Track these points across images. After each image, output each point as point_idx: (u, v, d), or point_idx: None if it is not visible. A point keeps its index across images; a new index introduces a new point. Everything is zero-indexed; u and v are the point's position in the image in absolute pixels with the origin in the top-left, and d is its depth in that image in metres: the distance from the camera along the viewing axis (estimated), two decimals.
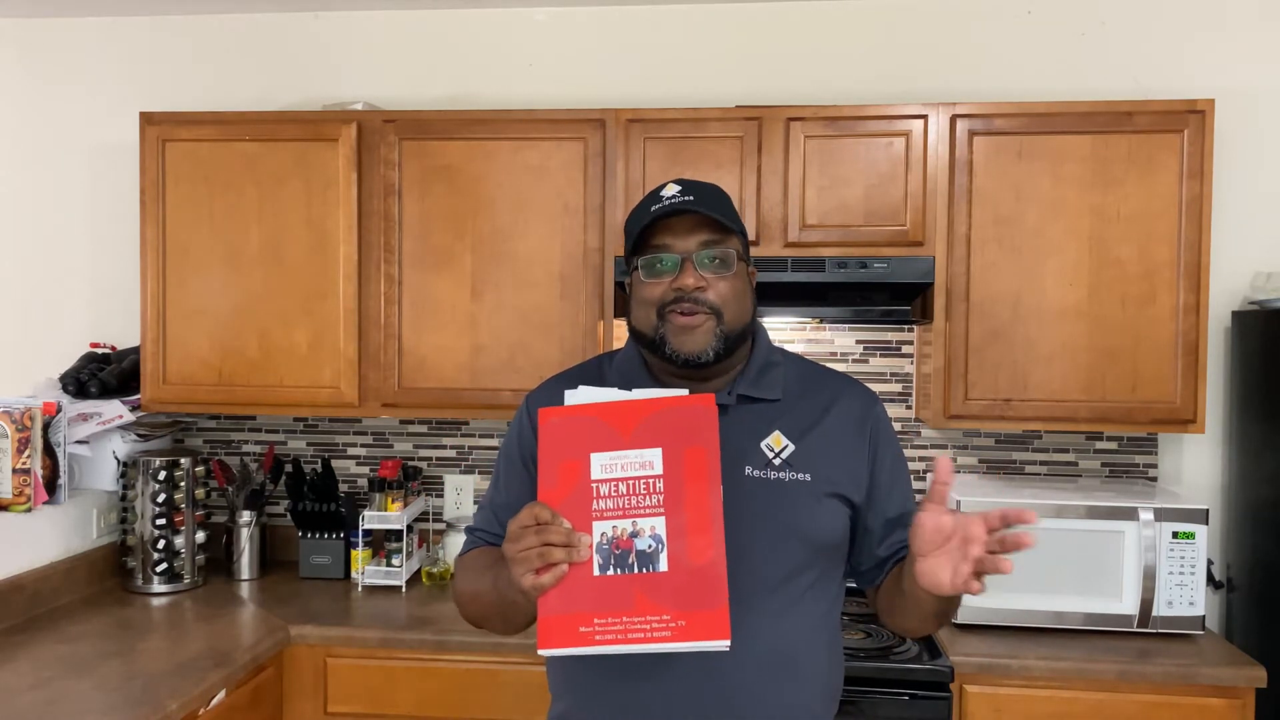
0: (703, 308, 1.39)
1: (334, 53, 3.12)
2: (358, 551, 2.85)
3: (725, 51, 3.00)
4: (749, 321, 1.47)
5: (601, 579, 1.23)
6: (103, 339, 3.10)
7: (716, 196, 1.46)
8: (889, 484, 1.50)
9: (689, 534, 1.23)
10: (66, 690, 2.00)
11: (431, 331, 2.74)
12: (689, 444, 1.25)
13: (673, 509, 1.24)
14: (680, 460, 1.25)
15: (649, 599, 1.22)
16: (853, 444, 1.48)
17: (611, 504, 1.25)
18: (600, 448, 1.26)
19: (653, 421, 1.26)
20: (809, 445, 1.45)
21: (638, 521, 1.24)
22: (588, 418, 1.28)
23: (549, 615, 1.23)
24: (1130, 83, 2.85)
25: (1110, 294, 2.56)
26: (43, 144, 3.19)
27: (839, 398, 1.50)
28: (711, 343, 1.40)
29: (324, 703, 2.46)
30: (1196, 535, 2.40)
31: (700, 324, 1.40)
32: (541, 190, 2.70)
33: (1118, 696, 2.27)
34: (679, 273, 1.40)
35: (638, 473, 1.25)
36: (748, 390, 1.47)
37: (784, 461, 1.43)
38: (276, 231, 2.76)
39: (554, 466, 1.27)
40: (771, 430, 1.45)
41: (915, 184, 2.60)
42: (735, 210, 1.49)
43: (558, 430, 1.28)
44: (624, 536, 1.24)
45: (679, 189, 1.43)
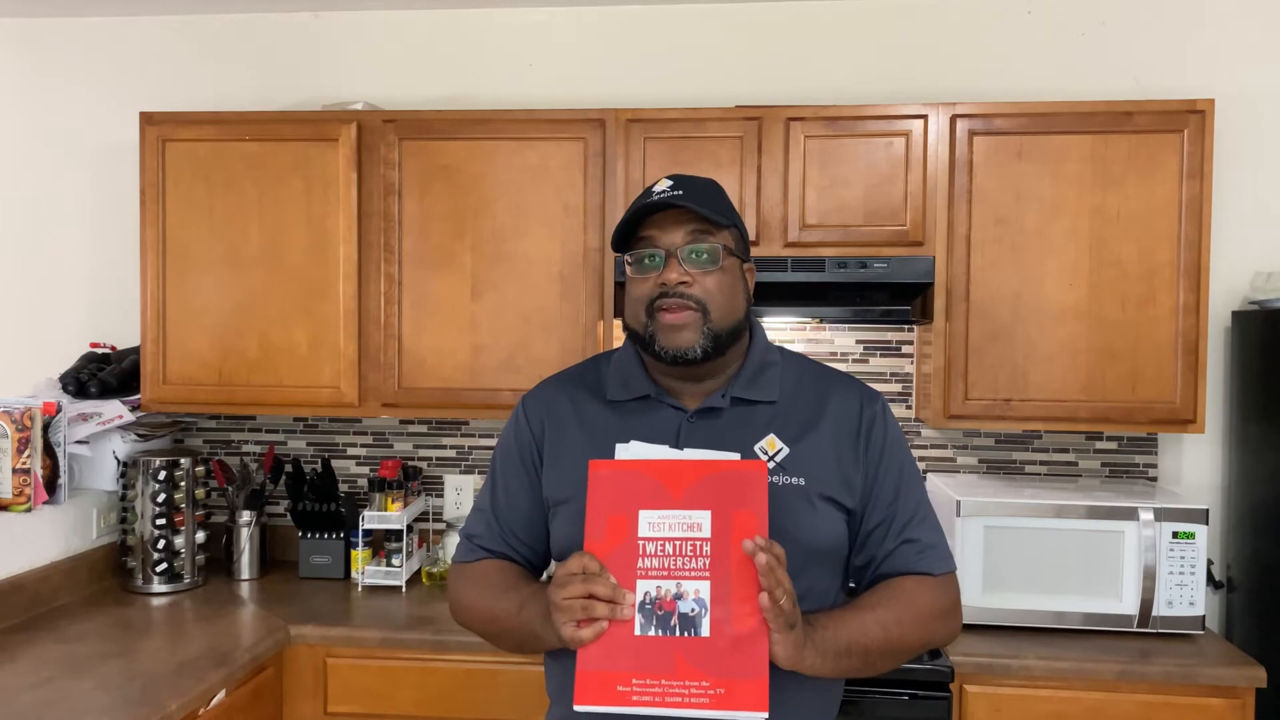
0: (689, 303, 1.37)
1: (334, 53, 3.12)
2: (358, 551, 2.85)
3: (725, 51, 3.00)
4: (741, 318, 1.44)
5: (642, 639, 1.21)
6: (103, 339, 3.10)
7: (708, 191, 1.43)
8: (881, 488, 1.45)
9: (734, 601, 1.21)
10: (66, 690, 2.00)
11: (431, 331, 2.74)
12: (739, 508, 1.24)
13: (719, 574, 1.22)
14: (729, 524, 1.23)
15: (689, 664, 1.20)
16: (848, 446, 1.44)
17: (657, 563, 1.24)
18: (649, 505, 1.25)
19: (705, 483, 1.25)
20: (804, 448, 1.42)
21: (682, 584, 1.22)
22: (638, 473, 1.27)
23: (587, 670, 1.22)
24: (1130, 83, 2.85)
25: (1110, 294, 2.56)
26: (43, 144, 3.19)
27: (835, 398, 1.47)
28: (699, 340, 1.38)
29: (324, 703, 2.46)
30: (1196, 535, 2.40)
31: (687, 320, 1.37)
32: (541, 190, 2.70)
33: (1117, 696, 2.27)
34: (664, 268, 1.39)
35: (685, 534, 1.24)
36: (742, 392, 1.44)
37: (778, 465, 1.39)
38: (276, 231, 2.76)
39: (602, 519, 1.26)
40: (766, 433, 1.42)
41: (915, 184, 2.60)
42: (729, 205, 1.46)
43: (608, 483, 1.27)
44: (667, 598, 1.23)
45: (670, 184, 1.41)
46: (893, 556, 1.43)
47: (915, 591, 1.41)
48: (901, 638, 1.37)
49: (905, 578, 1.42)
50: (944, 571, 1.45)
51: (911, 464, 1.49)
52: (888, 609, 1.38)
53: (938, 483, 2.71)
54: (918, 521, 1.45)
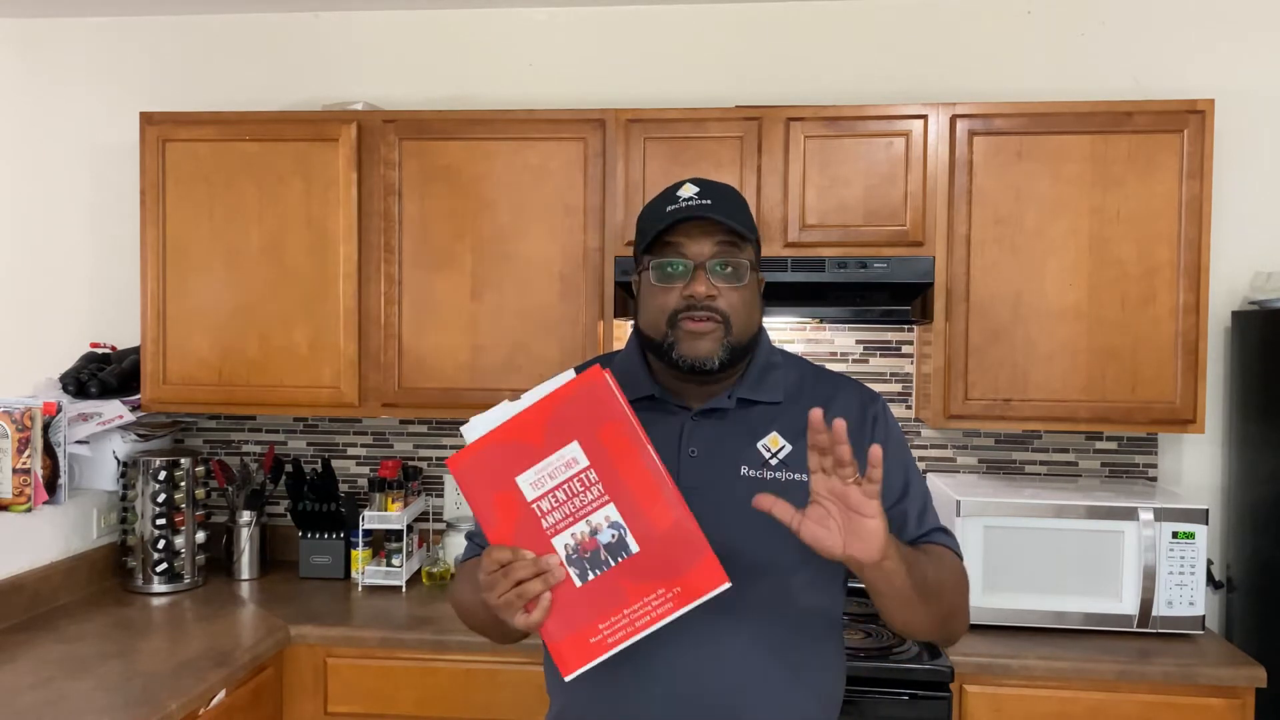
0: (714, 315, 1.38)
1: (334, 53, 3.12)
2: (358, 551, 2.85)
3: (725, 51, 3.00)
4: (755, 332, 1.46)
5: (586, 587, 1.23)
6: (103, 339, 3.10)
7: (734, 202, 1.43)
8: (888, 483, 1.44)
9: (643, 507, 1.23)
10: (66, 690, 2.00)
11: (431, 331, 2.75)
12: (601, 423, 1.24)
13: (616, 492, 1.24)
14: (600, 443, 1.24)
15: (637, 583, 1.23)
16: (852, 440, 1.44)
17: (559, 514, 1.24)
18: (521, 467, 1.25)
19: (556, 418, 1.24)
20: (803, 441, 1.43)
21: (591, 519, 1.24)
22: (495, 444, 1.26)
23: (556, 643, 1.24)
24: (1130, 83, 2.85)
25: (1110, 294, 2.56)
26: (43, 144, 3.19)
27: (838, 397, 1.48)
28: (719, 351, 1.39)
29: (324, 703, 2.46)
30: (1196, 535, 2.40)
31: (709, 331, 1.38)
32: (542, 191, 2.70)
33: (1117, 696, 2.27)
34: (691, 280, 1.38)
35: (568, 474, 1.24)
36: (748, 394, 1.46)
37: (780, 462, 1.41)
38: (276, 231, 2.76)
39: (488, 505, 1.26)
40: (769, 431, 1.44)
41: (915, 184, 2.60)
42: (751, 216, 1.46)
43: (472, 470, 1.27)
44: (585, 539, 1.24)
45: (696, 190, 1.40)
46: (927, 538, 1.46)
47: (949, 562, 1.43)
48: (941, 587, 1.37)
49: (941, 547, 1.45)
50: (960, 555, 1.48)
51: (914, 464, 1.51)
52: (929, 557, 1.39)
53: (938, 483, 2.71)
54: (928, 511, 1.48)
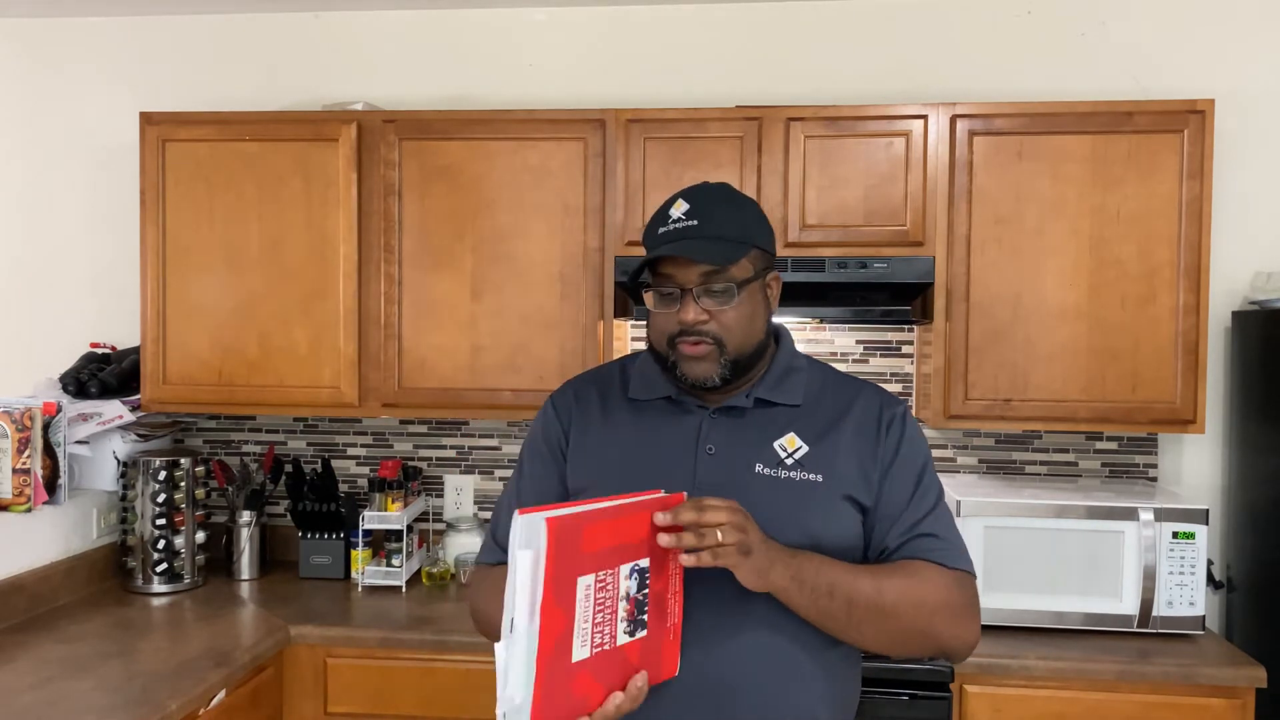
0: (706, 339, 1.40)
1: (334, 53, 3.12)
2: (358, 551, 2.85)
3: (725, 51, 3.00)
4: (761, 338, 1.46)
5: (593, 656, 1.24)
6: (103, 339, 3.09)
7: (725, 214, 1.42)
8: (894, 485, 1.44)
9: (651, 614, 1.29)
10: (66, 690, 2.00)
11: (431, 331, 2.75)
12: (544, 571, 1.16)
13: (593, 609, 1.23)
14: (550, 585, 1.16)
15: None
16: (868, 446, 1.45)
17: (598, 619, 1.23)
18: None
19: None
20: (824, 448, 1.44)
21: (616, 617, 1.24)
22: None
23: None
24: (1130, 83, 2.85)
25: (1110, 294, 2.56)
26: (43, 144, 3.19)
27: (859, 402, 1.49)
28: (717, 370, 1.41)
29: (324, 703, 2.46)
30: (1196, 535, 2.40)
31: (705, 354, 1.40)
32: (541, 190, 2.70)
33: (1117, 696, 2.27)
34: (681, 306, 1.40)
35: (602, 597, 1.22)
36: (766, 394, 1.47)
37: (796, 462, 1.42)
38: (276, 231, 2.76)
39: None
40: (787, 432, 1.45)
41: (915, 184, 2.60)
42: (750, 219, 1.45)
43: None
44: (617, 610, 1.25)
45: (687, 209, 1.41)
46: (904, 547, 1.42)
47: (923, 573, 1.39)
48: (895, 606, 1.35)
49: (916, 560, 1.41)
50: (958, 566, 1.42)
51: (932, 474, 1.48)
52: (889, 575, 1.37)
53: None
54: (931, 519, 1.44)
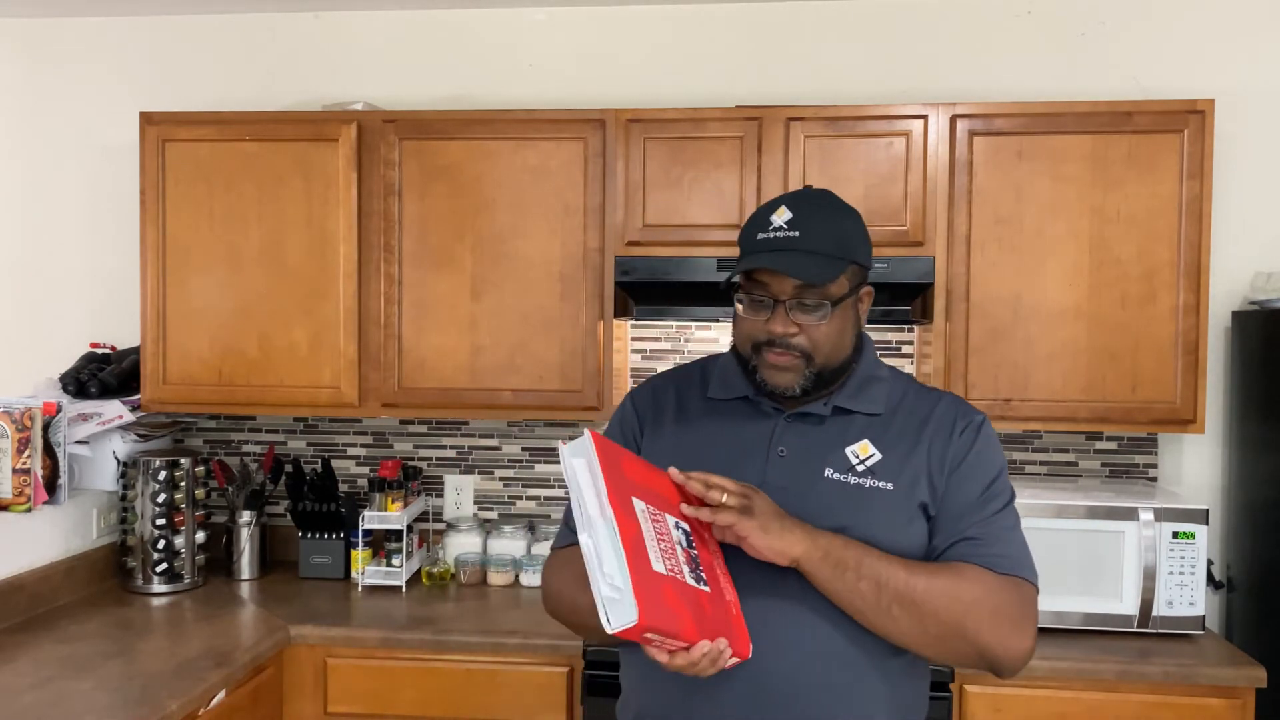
0: (793, 351, 1.39)
1: (334, 53, 3.12)
2: (358, 551, 2.85)
3: (725, 51, 3.00)
4: (849, 353, 1.45)
5: (706, 587, 1.27)
6: (103, 339, 3.09)
7: (827, 227, 1.39)
8: (957, 489, 1.41)
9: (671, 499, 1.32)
10: (66, 690, 2.00)
11: (431, 331, 2.74)
12: (618, 465, 1.27)
13: (665, 504, 1.30)
14: (634, 483, 1.27)
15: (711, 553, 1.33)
16: (938, 451, 1.43)
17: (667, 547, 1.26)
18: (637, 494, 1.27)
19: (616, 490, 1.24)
20: (898, 457, 1.42)
21: (672, 537, 1.27)
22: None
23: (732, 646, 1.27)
24: (1130, 83, 2.85)
25: (1110, 294, 2.56)
26: (43, 144, 3.19)
27: (936, 410, 1.47)
28: (799, 380, 1.40)
29: (324, 703, 2.46)
30: (1196, 535, 2.40)
31: (790, 365, 1.39)
32: (541, 190, 2.70)
33: (1117, 696, 2.27)
34: (771, 317, 1.39)
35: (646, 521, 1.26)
36: (844, 403, 1.46)
37: (867, 469, 1.41)
38: (276, 231, 2.76)
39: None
40: (861, 439, 1.43)
41: (915, 184, 2.60)
42: (851, 233, 1.42)
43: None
44: (682, 549, 1.27)
45: (789, 218, 1.39)
46: (951, 548, 1.38)
47: (965, 572, 1.35)
48: (927, 596, 1.31)
49: (962, 562, 1.36)
50: (1008, 571, 1.37)
51: (1003, 485, 1.43)
52: (925, 567, 1.35)
53: None
54: (987, 525, 1.39)
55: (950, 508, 1.40)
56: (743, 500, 1.28)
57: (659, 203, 2.66)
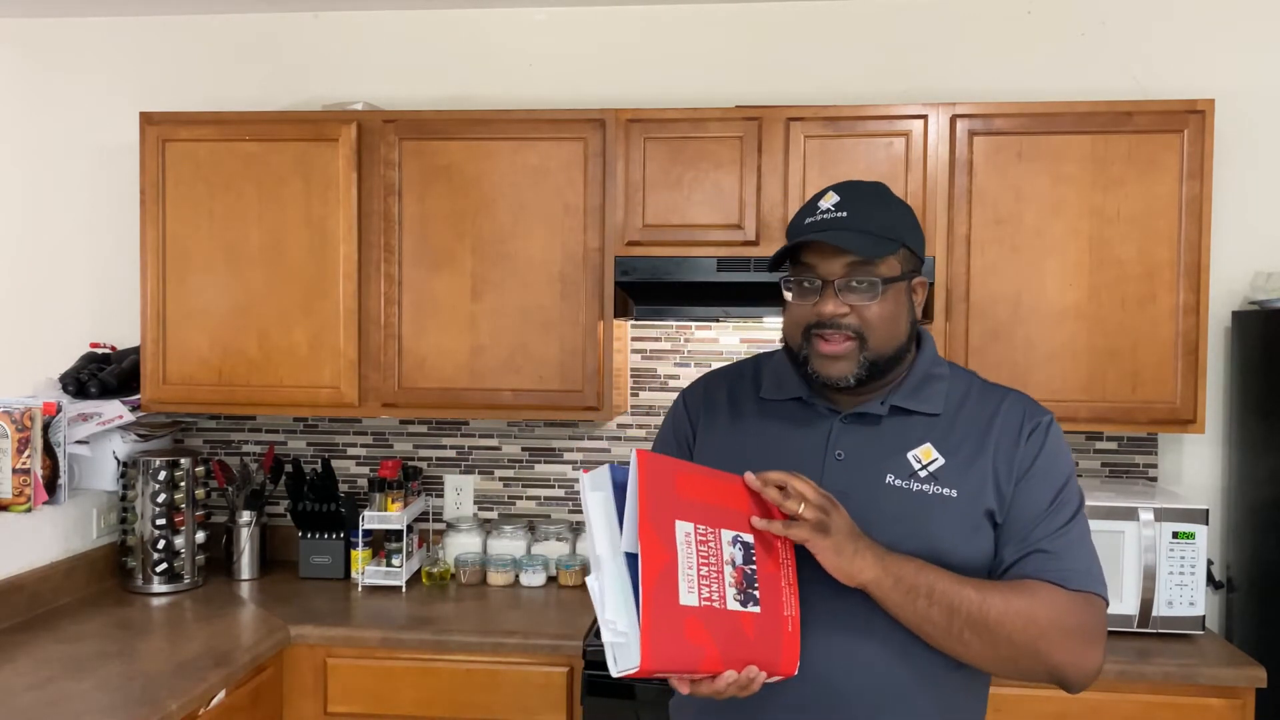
0: (846, 333, 1.34)
1: (334, 53, 3.12)
2: (358, 551, 2.85)
3: (725, 51, 3.00)
4: (903, 341, 1.39)
5: (759, 610, 1.25)
6: (103, 339, 3.10)
7: (875, 210, 1.37)
8: (1026, 497, 1.35)
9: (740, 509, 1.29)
10: (66, 690, 2.00)
11: (431, 331, 2.75)
12: (674, 485, 1.23)
13: (723, 519, 1.27)
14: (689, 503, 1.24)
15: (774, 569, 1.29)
16: (1005, 456, 1.37)
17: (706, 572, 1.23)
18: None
19: (651, 516, 1.19)
20: (962, 461, 1.36)
21: (723, 555, 1.24)
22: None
23: (775, 668, 1.25)
24: (1130, 83, 2.85)
25: (1110, 294, 2.56)
26: (43, 144, 3.19)
27: (1002, 410, 1.40)
28: (854, 369, 1.35)
29: (324, 703, 2.46)
30: (1196, 535, 2.40)
31: (843, 351, 1.34)
32: (541, 190, 2.70)
33: (1117, 696, 2.27)
34: (821, 298, 1.35)
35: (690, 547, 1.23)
36: (903, 402, 1.40)
37: (930, 475, 1.35)
38: (276, 231, 2.76)
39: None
40: (924, 442, 1.38)
41: (915, 184, 2.60)
42: (900, 217, 1.39)
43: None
44: (733, 572, 1.24)
45: (836, 200, 1.36)
46: (1021, 563, 1.33)
47: (1038, 592, 1.30)
48: (1001, 620, 1.26)
49: (1032, 580, 1.31)
50: (1081, 588, 1.32)
51: (1072, 491, 1.38)
52: (997, 588, 1.29)
53: None
54: (1059, 539, 1.34)
55: (1019, 517, 1.35)
56: (820, 515, 1.23)
57: (659, 203, 2.66)
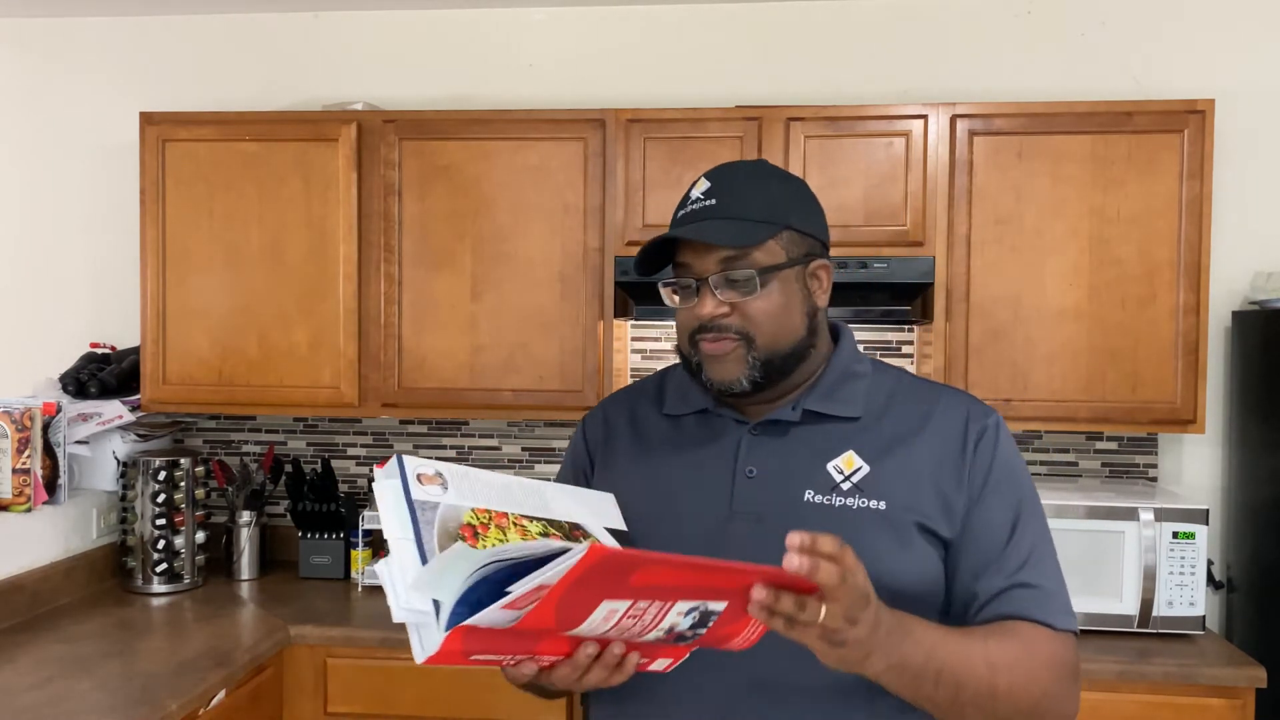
0: (728, 334, 1.20)
1: (334, 53, 3.12)
2: (358, 551, 2.86)
3: (725, 51, 3.00)
4: (801, 336, 1.24)
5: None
6: (103, 339, 3.09)
7: (749, 192, 1.23)
8: (985, 519, 1.21)
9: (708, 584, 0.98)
10: (66, 690, 2.00)
11: (431, 331, 2.75)
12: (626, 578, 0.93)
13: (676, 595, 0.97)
14: (633, 587, 0.94)
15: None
16: (949, 466, 1.22)
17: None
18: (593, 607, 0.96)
19: (567, 601, 0.93)
20: (889, 467, 1.21)
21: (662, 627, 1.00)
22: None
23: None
24: (1130, 83, 2.85)
25: (1110, 294, 2.56)
26: (43, 144, 3.19)
27: (938, 413, 1.25)
28: (745, 371, 1.21)
29: (324, 703, 2.46)
30: (1196, 535, 2.40)
31: (728, 351, 1.21)
32: (541, 190, 2.70)
33: (1117, 696, 2.27)
34: (699, 298, 1.22)
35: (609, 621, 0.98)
36: (816, 405, 1.25)
37: (854, 486, 1.20)
38: (276, 231, 2.76)
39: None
40: (844, 450, 1.23)
41: (915, 184, 2.60)
42: (781, 196, 1.24)
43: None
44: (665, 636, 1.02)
45: (706, 188, 1.24)
46: (1002, 598, 1.18)
47: (1032, 642, 1.16)
48: (1010, 690, 1.12)
49: (1021, 621, 1.17)
50: (1066, 628, 1.20)
51: (1031, 497, 1.26)
52: (1003, 646, 1.14)
53: None
54: (1034, 563, 1.21)
55: (983, 541, 1.20)
56: (839, 628, 0.95)
57: (659, 203, 2.66)
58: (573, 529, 1.15)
